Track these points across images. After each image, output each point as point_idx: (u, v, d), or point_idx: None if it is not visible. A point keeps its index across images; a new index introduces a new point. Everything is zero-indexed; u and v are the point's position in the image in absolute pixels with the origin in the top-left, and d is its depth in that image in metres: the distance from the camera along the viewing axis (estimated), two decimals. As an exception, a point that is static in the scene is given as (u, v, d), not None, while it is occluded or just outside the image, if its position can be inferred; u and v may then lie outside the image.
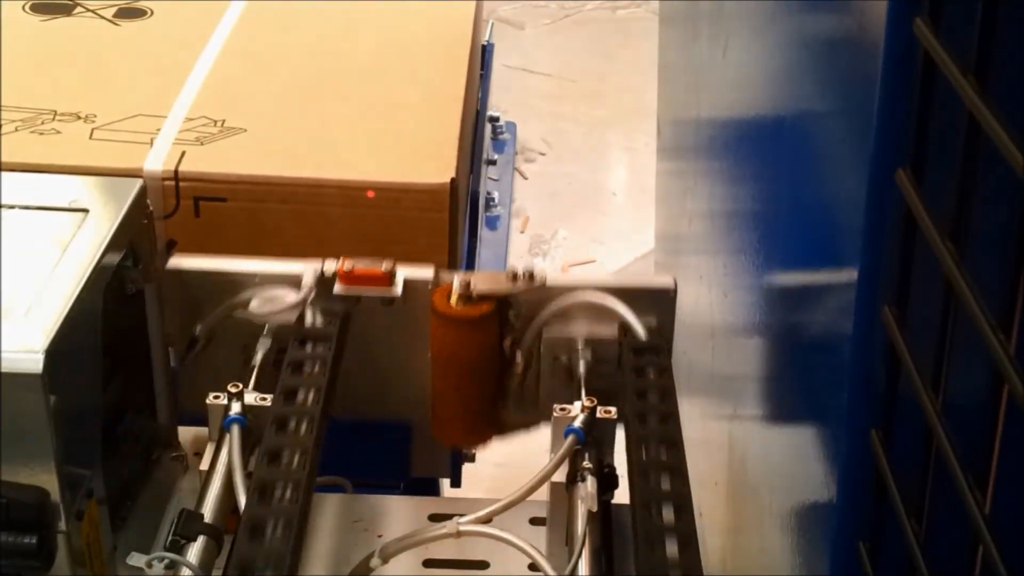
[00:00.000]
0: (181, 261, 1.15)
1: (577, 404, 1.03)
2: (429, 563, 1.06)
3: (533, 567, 0.99)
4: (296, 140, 1.38)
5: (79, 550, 0.93)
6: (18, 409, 0.87)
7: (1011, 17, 0.63)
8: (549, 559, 0.96)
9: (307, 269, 1.12)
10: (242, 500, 0.93)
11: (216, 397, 1.02)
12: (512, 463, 2.43)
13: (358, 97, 1.47)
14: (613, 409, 1.03)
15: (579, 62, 4.15)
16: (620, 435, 1.03)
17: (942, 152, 0.71)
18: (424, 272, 1.13)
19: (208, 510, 0.95)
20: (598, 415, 1.02)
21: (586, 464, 0.97)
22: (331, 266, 1.12)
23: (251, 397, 1.02)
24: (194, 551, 0.91)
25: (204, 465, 1.00)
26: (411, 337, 1.15)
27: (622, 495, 1.01)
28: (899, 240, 0.76)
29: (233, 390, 1.02)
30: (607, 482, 0.99)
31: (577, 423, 1.00)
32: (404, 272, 1.12)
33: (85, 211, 1.03)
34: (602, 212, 3.43)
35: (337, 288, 1.12)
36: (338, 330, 1.09)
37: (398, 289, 1.12)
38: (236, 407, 1.01)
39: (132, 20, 1.62)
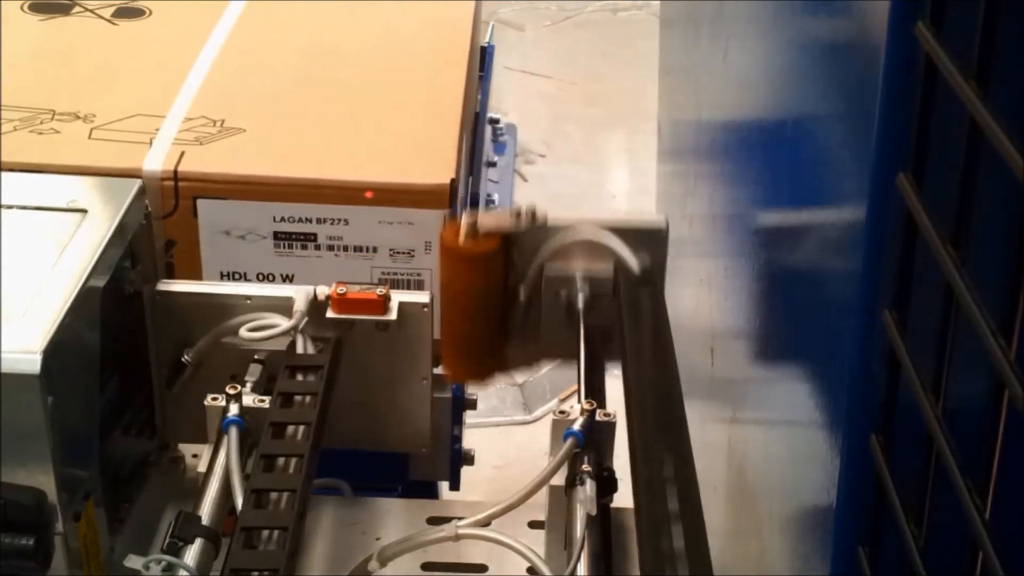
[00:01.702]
0: (170, 285, 1.10)
1: (576, 406, 1.02)
2: (428, 566, 1.06)
3: (532, 571, 0.98)
4: (295, 140, 1.37)
5: (76, 551, 0.93)
6: (16, 410, 0.86)
7: (1012, 21, 0.63)
8: (548, 563, 0.96)
9: (299, 294, 1.08)
10: (239, 502, 0.93)
11: (214, 399, 1.02)
12: (510, 464, 2.42)
13: (357, 97, 1.47)
14: (613, 412, 1.02)
15: (579, 64, 4.15)
16: (620, 435, 1.02)
17: (943, 156, 0.71)
18: (420, 296, 1.10)
19: (206, 512, 0.95)
20: (597, 418, 1.01)
21: (585, 467, 0.97)
22: (323, 291, 1.08)
23: (249, 399, 1.02)
24: (191, 553, 0.90)
25: (202, 467, 1.00)
26: (407, 362, 1.11)
27: (621, 499, 1.00)
28: (900, 244, 0.76)
29: (231, 392, 1.01)
30: (606, 485, 0.99)
31: (576, 426, 0.99)
32: (399, 296, 1.09)
33: (83, 211, 1.02)
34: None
35: (330, 313, 1.08)
36: (330, 358, 1.05)
37: (393, 314, 1.08)
38: (234, 409, 1.01)
39: (130, 20, 1.61)
